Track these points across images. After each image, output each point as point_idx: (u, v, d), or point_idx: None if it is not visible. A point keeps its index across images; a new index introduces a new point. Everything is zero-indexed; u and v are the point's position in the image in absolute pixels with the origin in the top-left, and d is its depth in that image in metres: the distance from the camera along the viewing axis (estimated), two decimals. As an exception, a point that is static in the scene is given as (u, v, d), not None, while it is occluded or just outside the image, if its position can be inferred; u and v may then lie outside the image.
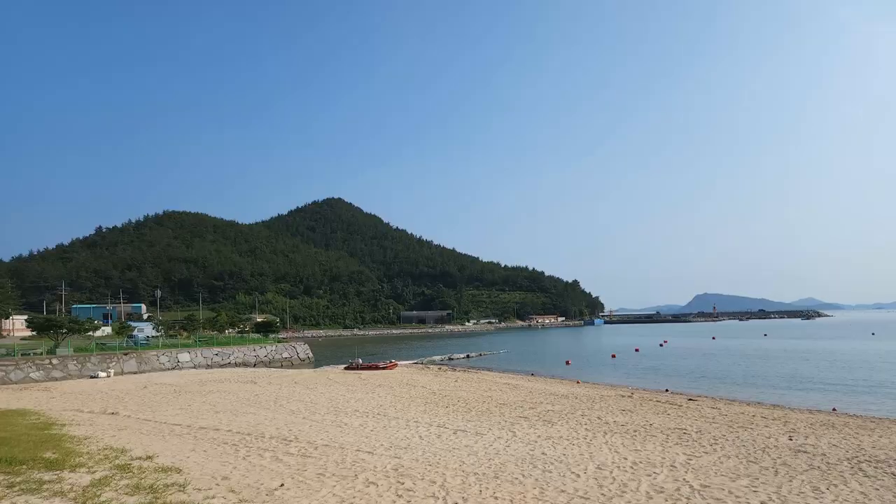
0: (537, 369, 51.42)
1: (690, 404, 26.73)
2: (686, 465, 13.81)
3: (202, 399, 26.97)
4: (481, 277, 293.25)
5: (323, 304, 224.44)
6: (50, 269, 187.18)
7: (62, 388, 33.17)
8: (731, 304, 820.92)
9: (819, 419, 22.50)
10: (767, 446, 16.21)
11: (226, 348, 55.09)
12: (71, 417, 20.65)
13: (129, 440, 15.78)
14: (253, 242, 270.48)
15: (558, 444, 16.22)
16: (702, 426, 19.94)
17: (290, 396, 27.95)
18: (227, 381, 36.57)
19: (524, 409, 24.28)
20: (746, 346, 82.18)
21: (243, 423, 19.56)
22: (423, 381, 36.76)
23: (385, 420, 20.80)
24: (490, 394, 30.09)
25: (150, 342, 59.01)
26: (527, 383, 36.93)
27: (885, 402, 29.27)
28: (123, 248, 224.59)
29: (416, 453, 14.80)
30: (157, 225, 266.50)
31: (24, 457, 12.43)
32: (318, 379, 38.11)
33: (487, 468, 13.17)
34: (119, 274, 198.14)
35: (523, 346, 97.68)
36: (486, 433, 18.07)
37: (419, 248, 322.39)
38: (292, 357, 61.42)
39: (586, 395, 30.21)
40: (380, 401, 26.70)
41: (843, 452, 15.48)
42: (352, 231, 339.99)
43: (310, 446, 15.41)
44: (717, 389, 35.31)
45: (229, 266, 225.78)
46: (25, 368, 38.26)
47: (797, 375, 42.43)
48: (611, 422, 20.84)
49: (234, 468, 12.60)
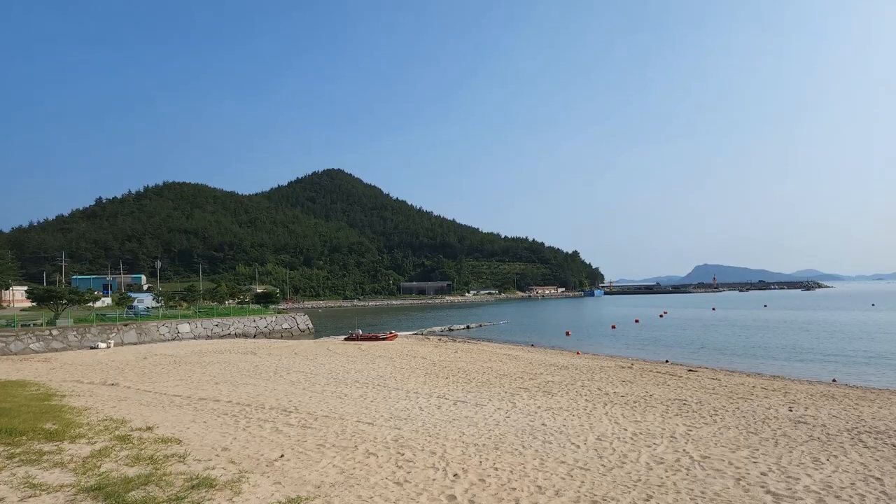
0: (537, 340, 51.56)
1: (690, 375, 26.77)
2: (686, 435, 13.79)
3: (202, 370, 27.01)
4: (481, 248, 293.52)
5: (323, 274, 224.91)
6: (50, 239, 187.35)
7: (62, 358, 33.23)
8: (731, 275, 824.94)
9: (819, 390, 22.51)
10: (767, 417, 16.20)
11: (226, 319, 55.18)
12: (71, 388, 20.66)
13: (129, 411, 15.77)
14: (253, 213, 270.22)
15: (558, 415, 16.22)
16: (702, 397, 19.94)
17: (290, 367, 28.00)
18: (227, 351, 36.66)
19: (524, 379, 24.29)
20: (746, 316, 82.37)
21: (243, 394, 19.57)
22: (423, 352, 36.83)
23: (385, 391, 20.81)
24: (490, 364, 30.14)
25: (150, 313, 59.13)
26: (527, 354, 37.00)
27: (886, 373, 29.29)
28: (123, 218, 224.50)
29: (416, 424, 14.79)
30: (157, 196, 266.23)
31: (24, 428, 12.41)
32: (318, 350, 38.19)
33: (487, 439, 13.15)
34: (119, 245, 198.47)
35: (523, 316, 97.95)
36: (485, 404, 18.07)
37: (419, 219, 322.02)
38: (292, 328, 61.58)
39: (586, 365, 30.26)
40: (380, 371, 26.73)
41: (843, 423, 15.47)
42: (352, 202, 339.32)
43: (310, 417, 15.40)
44: (717, 360, 35.38)
45: (229, 237, 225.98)
46: (25, 339, 38.30)
47: (797, 346, 42.50)
48: (611, 392, 20.85)
49: (234, 439, 12.58)
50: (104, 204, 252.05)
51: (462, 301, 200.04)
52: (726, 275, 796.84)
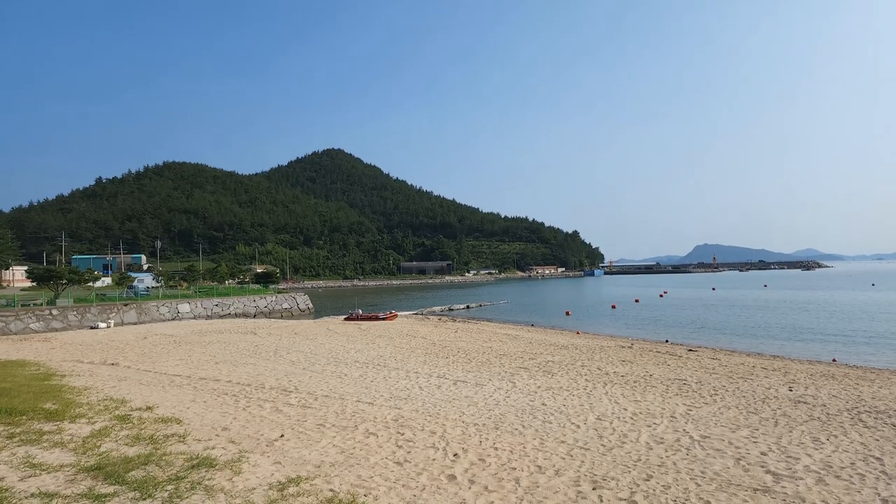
0: (537, 320, 51.66)
1: (690, 355, 26.79)
2: (686, 415, 13.79)
3: (202, 350, 27.04)
4: (481, 228, 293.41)
5: (323, 254, 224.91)
6: (50, 219, 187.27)
7: (62, 338, 33.28)
8: (730, 255, 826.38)
9: (819, 370, 22.53)
10: (767, 397, 16.20)
11: (226, 299, 55.22)
12: (71, 368, 20.68)
13: (129, 391, 15.78)
14: (253, 193, 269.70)
15: (558, 395, 16.22)
16: (702, 377, 19.95)
17: (290, 347, 28.02)
18: (226, 331, 36.70)
19: (524, 359, 24.31)
20: (746, 296, 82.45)
21: (243, 374, 19.58)
22: (423, 332, 36.87)
23: (385, 371, 20.82)
24: (490, 344, 30.17)
25: (150, 293, 59.14)
26: (526, 334, 37.05)
27: (885, 353, 29.33)
28: (123, 198, 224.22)
29: (416, 404, 14.79)
30: (157, 176, 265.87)
31: (24, 407, 12.40)
32: (317, 329, 38.24)
33: (487, 419, 13.15)
34: (119, 225, 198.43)
35: (523, 296, 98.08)
36: (485, 384, 18.08)
37: (419, 199, 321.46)
38: (292, 308, 61.67)
39: (586, 345, 30.29)
40: (380, 351, 26.76)
41: (842, 403, 15.47)
42: (352, 182, 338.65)
43: (310, 397, 15.40)
44: (717, 340, 35.43)
45: (229, 217, 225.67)
46: (25, 319, 38.34)
47: (797, 326, 42.57)
48: (611, 372, 20.86)
49: (234, 419, 12.58)
50: (104, 184, 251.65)
51: (462, 281, 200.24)
52: (726, 255, 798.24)
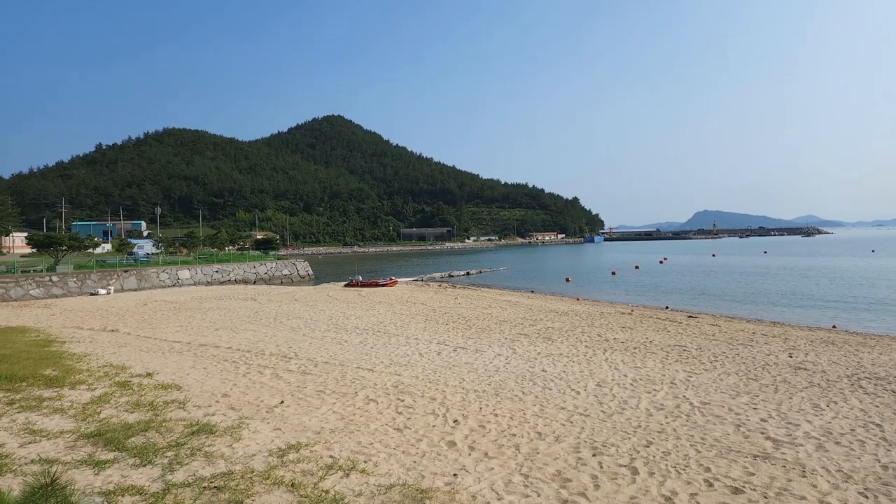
0: (537, 286, 51.69)
1: (690, 321, 26.81)
2: (686, 382, 13.79)
3: (202, 316, 27.06)
4: (481, 194, 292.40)
5: (323, 221, 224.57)
6: (50, 186, 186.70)
7: (62, 305, 33.31)
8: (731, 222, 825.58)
9: (819, 336, 22.55)
10: (767, 363, 16.21)
11: (226, 265, 55.21)
12: (71, 334, 20.70)
13: (129, 357, 15.80)
14: (253, 160, 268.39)
15: (558, 362, 16.23)
16: (702, 343, 19.97)
17: (289, 314, 28.04)
18: (226, 298, 36.74)
19: (524, 326, 24.34)
20: (746, 263, 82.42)
21: (243, 341, 19.60)
22: (423, 299, 36.90)
23: (385, 337, 20.84)
24: (490, 311, 30.19)
25: (149, 259, 59.07)
26: (526, 300, 37.08)
27: (885, 320, 29.35)
28: (123, 165, 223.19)
29: (416, 370, 14.80)
30: (156, 142, 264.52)
31: (25, 374, 12.42)
32: (317, 296, 38.27)
33: (487, 385, 13.16)
34: (119, 191, 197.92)
35: (523, 263, 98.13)
36: (485, 350, 18.10)
37: (419, 166, 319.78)
38: (292, 274, 61.72)
39: (586, 312, 30.31)
40: (380, 318, 26.78)
41: (842, 370, 15.48)
42: (352, 148, 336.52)
43: (310, 363, 15.42)
44: (717, 306, 35.44)
45: (229, 183, 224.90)
46: (25, 285, 38.33)
47: (797, 292, 42.58)
48: (611, 339, 20.88)
49: (234, 385, 12.59)
50: (104, 150, 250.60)
51: (462, 247, 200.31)
52: (726, 221, 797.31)
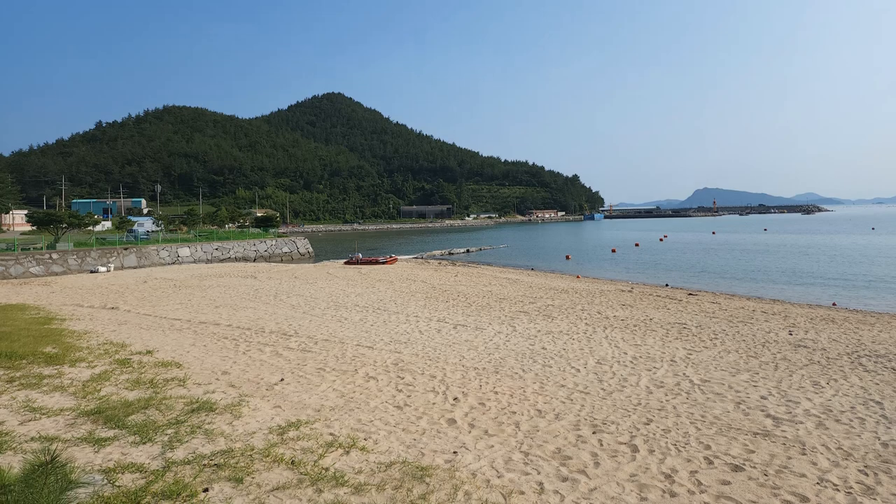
0: (537, 264, 51.68)
1: (690, 299, 26.80)
2: (686, 359, 13.79)
3: (202, 294, 27.04)
4: (481, 172, 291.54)
5: (323, 198, 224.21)
6: (50, 163, 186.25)
7: (62, 282, 33.29)
8: (731, 199, 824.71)
9: (819, 314, 22.55)
10: (767, 341, 16.21)
11: (226, 243, 55.10)
12: (71, 312, 20.69)
13: (129, 335, 15.79)
14: (253, 137, 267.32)
15: (558, 339, 16.23)
16: (702, 321, 19.97)
17: (290, 291, 28.03)
18: (227, 275, 36.71)
19: (524, 303, 24.32)
20: (746, 240, 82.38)
21: (243, 318, 19.59)
22: (423, 276, 36.88)
23: (385, 315, 20.83)
24: (490, 288, 30.17)
25: (150, 237, 58.95)
26: (526, 278, 37.06)
27: (885, 297, 29.33)
28: (123, 142, 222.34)
29: (416, 348, 14.80)
30: (157, 120, 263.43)
31: (25, 351, 12.42)
32: (318, 273, 38.25)
33: (487, 363, 13.16)
34: (119, 169, 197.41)
35: (523, 240, 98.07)
36: (485, 328, 18.09)
37: (419, 143, 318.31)
38: (292, 252, 61.66)
39: (586, 289, 30.30)
40: (380, 295, 26.77)
41: (842, 347, 15.48)
42: (352, 126, 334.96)
43: (310, 341, 15.41)
44: (717, 284, 35.42)
45: (229, 161, 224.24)
46: (25, 263, 38.28)
47: (797, 270, 42.56)
48: (611, 316, 20.87)
49: (234, 363, 12.59)
50: (104, 128, 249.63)
51: (462, 225, 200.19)
52: (726, 199, 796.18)
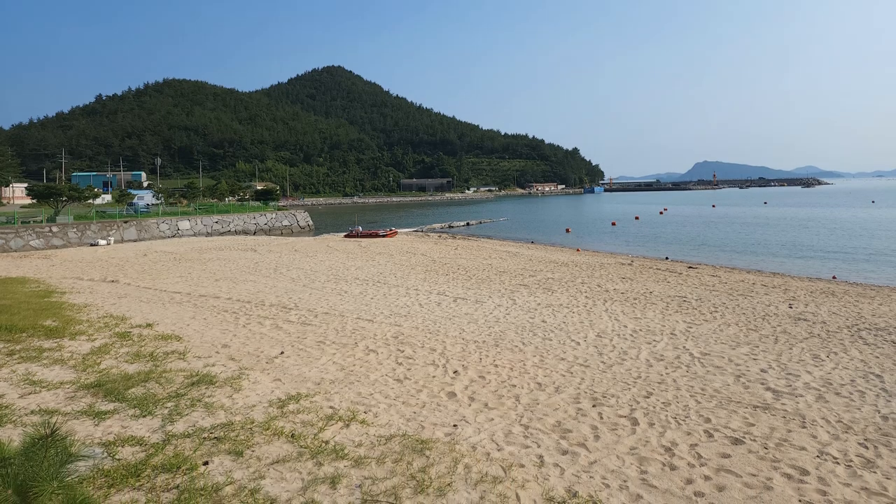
0: (537, 237, 51.62)
1: (690, 272, 26.79)
2: (686, 332, 13.80)
3: (202, 267, 27.01)
4: (481, 145, 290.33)
5: (323, 171, 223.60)
6: (50, 137, 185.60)
7: (62, 255, 33.25)
8: (731, 172, 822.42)
9: (819, 287, 22.53)
10: (767, 314, 16.21)
11: (226, 216, 55.01)
12: (71, 285, 20.66)
13: (129, 308, 15.77)
14: (253, 110, 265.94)
15: (558, 312, 16.22)
16: (702, 294, 19.96)
17: (290, 264, 28.00)
18: (227, 248, 36.66)
19: (524, 276, 24.31)
20: (746, 213, 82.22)
21: (243, 291, 19.58)
22: (423, 249, 36.83)
23: (385, 288, 20.82)
24: (490, 262, 30.14)
25: (150, 210, 58.88)
26: (526, 251, 37.02)
27: (885, 270, 29.29)
28: (123, 115, 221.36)
29: (416, 321, 14.80)
30: (157, 93, 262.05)
31: (24, 325, 12.40)
32: (317, 247, 38.20)
33: (487, 336, 13.16)
34: (119, 142, 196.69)
35: (523, 214, 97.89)
36: (485, 301, 18.08)
37: (419, 116, 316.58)
38: (292, 225, 61.56)
39: (586, 262, 30.27)
40: (380, 268, 26.74)
41: (842, 320, 15.48)
42: (352, 99, 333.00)
43: (310, 314, 15.40)
44: (717, 257, 35.39)
45: (229, 134, 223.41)
46: (25, 236, 38.21)
47: (797, 243, 42.50)
48: (611, 290, 20.86)
49: (234, 336, 12.58)
50: (104, 101, 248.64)
51: (462, 198, 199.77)
52: (726, 172, 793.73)
